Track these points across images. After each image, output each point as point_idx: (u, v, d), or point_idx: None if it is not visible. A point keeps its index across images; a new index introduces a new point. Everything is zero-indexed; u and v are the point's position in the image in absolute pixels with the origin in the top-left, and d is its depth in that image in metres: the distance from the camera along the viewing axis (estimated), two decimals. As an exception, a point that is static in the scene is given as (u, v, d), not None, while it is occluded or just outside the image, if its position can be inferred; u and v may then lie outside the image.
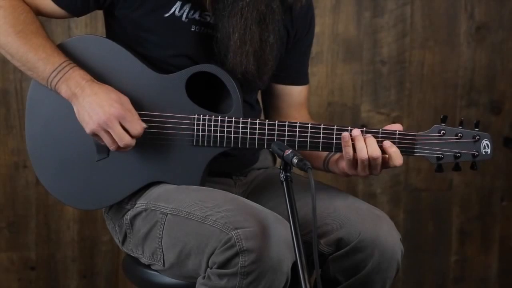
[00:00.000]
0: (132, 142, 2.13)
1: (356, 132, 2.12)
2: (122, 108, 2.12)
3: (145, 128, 2.14)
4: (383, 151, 2.12)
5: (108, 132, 2.11)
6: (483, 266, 3.59)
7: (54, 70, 2.15)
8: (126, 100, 2.14)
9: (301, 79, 2.41)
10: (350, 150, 2.12)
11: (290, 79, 2.38)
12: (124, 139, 2.11)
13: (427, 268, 3.56)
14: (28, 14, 2.18)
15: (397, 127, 2.15)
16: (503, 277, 3.60)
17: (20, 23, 2.16)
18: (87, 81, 2.14)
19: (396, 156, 2.12)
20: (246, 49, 2.16)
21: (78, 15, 2.28)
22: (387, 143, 2.12)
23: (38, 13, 2.22)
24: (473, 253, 3.58)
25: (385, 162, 2.12)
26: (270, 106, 2.42)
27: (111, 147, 2.13)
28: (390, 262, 2.16)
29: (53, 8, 2.22)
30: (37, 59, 2.15)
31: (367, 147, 2.11)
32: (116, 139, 2.11)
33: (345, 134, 2.12)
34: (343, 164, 2.17)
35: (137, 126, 2.13)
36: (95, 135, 2.13)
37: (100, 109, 2.10)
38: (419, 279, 3.56)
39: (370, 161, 2.11)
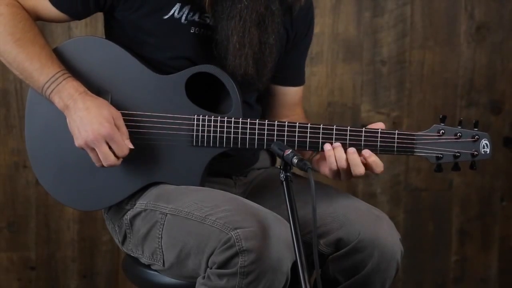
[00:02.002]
0: (117, 162, 2.14)
1: (336, 144, 2.13)
2: (111, 128, 2.11)
3: (132, 148, 2.14)
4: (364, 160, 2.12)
5: (94, 150, 2.12)
6: (483, 266, 3.58)
7: (47, 81, 2.14)
8: (118, 116, 2.14)
9: (298, 80, 2.41)
10: (333, 159, 2.12)
11: (288, 80, 2.38)
12: (109, 160, 2.12)
13: (427, 268, 3.55)
14: (26, 22, 2.17)
15: (380, 125, 2.16)
16: (503, 277, 3.60)
17: (18, 31, 2.16)
18: (80, 93, 2.13)
19: (376, 165, 2.13)
20: (245, 52, 2.16)
21: (79, 19, 2.27)
22: (366, 153, 2.12)
23: (38, 18, 2.22)
24: (473, 253, 3.57)
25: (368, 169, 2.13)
26: (264, 104, 2.41)
27: (96, 164, 2.14)
28: (389, 262, 2.16)
29: (54, 12, 2.21)
30: (33, 69, 2.15)
31: (347, 157, 2.12)
32: (101, 159, 2.12)
33: (327, 145, 2.13)
34: (326, 170, 2.17)
35: (123, 148, 2.13)
36: (83, 149, 2.14)
37: (89, 127, 2.10)
38: (419, 279, 3.56)
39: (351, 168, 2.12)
